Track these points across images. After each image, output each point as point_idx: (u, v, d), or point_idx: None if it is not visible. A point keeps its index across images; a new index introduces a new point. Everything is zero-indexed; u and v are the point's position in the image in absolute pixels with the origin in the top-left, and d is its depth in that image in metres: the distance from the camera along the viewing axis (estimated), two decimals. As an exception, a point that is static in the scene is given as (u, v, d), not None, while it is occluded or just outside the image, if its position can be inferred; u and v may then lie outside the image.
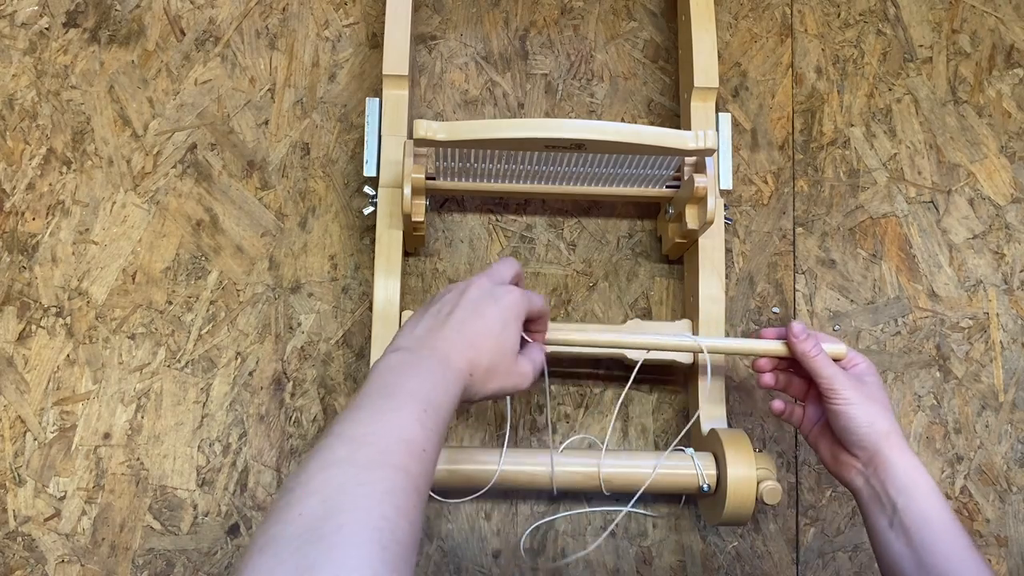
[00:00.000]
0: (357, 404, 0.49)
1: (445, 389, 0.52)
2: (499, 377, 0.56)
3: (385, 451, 0.45)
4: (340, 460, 0.44)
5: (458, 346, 0.54)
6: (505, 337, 0.56)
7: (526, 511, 0.79)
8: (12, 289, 0.81)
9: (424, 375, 0.52)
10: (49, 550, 0.77)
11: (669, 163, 0.72)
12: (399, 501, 0.43)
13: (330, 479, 0.43)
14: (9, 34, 0.87)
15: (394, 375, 0.52)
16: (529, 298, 0.59)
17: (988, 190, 0.88)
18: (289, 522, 0.40)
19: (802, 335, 0.67)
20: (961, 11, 0.92)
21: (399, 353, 0.54)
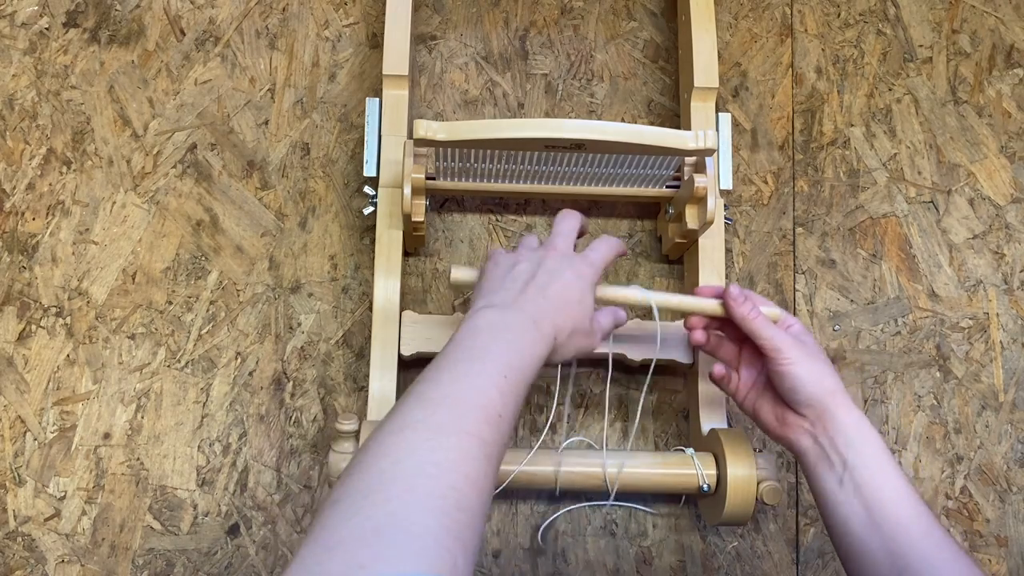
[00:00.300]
0: (441, 364, 0.50)
1: (531, 352, 0.54)
2: (578, 339, 0.59)
3: (461, 416, 0.46)
4: (415, 423, 0.45)
5: (546, 311, 0.56)
6: (585, 303, 0.59)
7: (526, 511, 0.79)
8: (12, 289, 0.81)
9: (511, 339, 0.53)
10: (49, 550, 0.77)
11: (669, 163, 0.72)
12: (469, 469, 0.44)
13: (403, 441, 0.44)
14: (9, 34, 0.87)
15: (482, 336, 0.53)
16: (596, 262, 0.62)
17: (988, 190, 0.88)
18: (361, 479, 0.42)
19: (740, 298, 0.65)
20: (961, 11, 0.92)
21: (488, 312, 0.55)
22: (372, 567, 0.37)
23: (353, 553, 0.38)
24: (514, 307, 0.56)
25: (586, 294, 0.60)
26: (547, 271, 0.59)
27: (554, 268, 0.59)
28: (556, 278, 0.59)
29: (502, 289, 0.58)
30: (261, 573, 0.77)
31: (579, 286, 0.59)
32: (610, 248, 0.64)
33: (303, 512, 0.78)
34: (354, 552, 0.38)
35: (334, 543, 0.39)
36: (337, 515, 0.40)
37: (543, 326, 0.56)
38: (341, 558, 0.38)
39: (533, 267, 0.59)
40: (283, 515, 0.78)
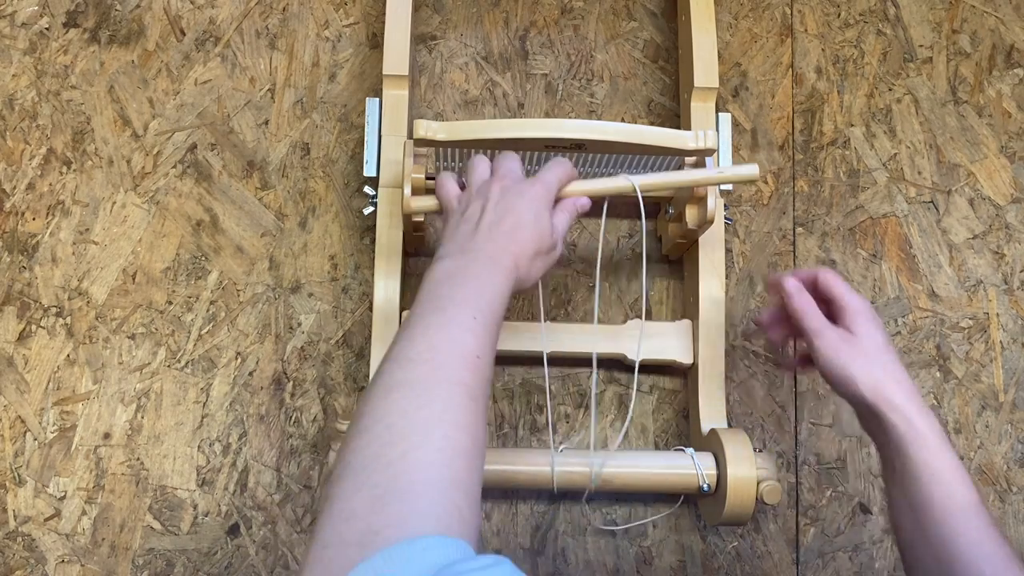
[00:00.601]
0: (411, 322, 0.52)
1: (494, 290, 0.55)
2: (540, 261, 0.60)
3: (440, 367, 0.48)
4: (399, 383, 0.47)
5: (501, 244, 0.57)
6: (540, 225, 0.59)
7: (526, 511, 0.79)
8: (12, 289, 0.81)
9: (472, 281, 0.55)
10: (49, 550, 0.77)
11: (669, 163, 0.72)
12: (457, 416, 0.46)
13: (392, 404, 0.46)
14: (9, 34, 0.87)
15: (443, 286, 0.54)
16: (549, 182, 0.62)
17: (988, 190, 0.88)
18: (360, 449, 0.44)
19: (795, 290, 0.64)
20: (961, 11, 0.92)
21: (445, 261, 0.56)
22: (385, 532, 0.39)
23: (367, 521, 0.40)
24: (470, 250, 0.57)
25: (541, 215, 0.60)
26: (497, 205, 0.59)
27: (504, 200, 0.59)
28: (508, 211, 0.59)
29: (456, 235, 0.59)
30: (261, 573, 0.77)
31: (532, 208, 0.59)
32: (563, 170, 0.63)
33: (303, 512, 0.78)
34: (367, 519, 0.40)
35: (348, 513, 0.41)
36: (346, 487, 0.42)
37: (501, 260, 0.56)
38: (356, 527, 0.40)
39: (482, 202, 0.60)
40: (283, 515, 0.78)
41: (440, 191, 0.65)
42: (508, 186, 0.60)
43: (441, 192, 0.65)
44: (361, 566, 0.38)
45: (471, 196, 0.61)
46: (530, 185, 0.61)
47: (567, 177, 0.64)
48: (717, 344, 0.77)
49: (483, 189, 0.61)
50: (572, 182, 0.65)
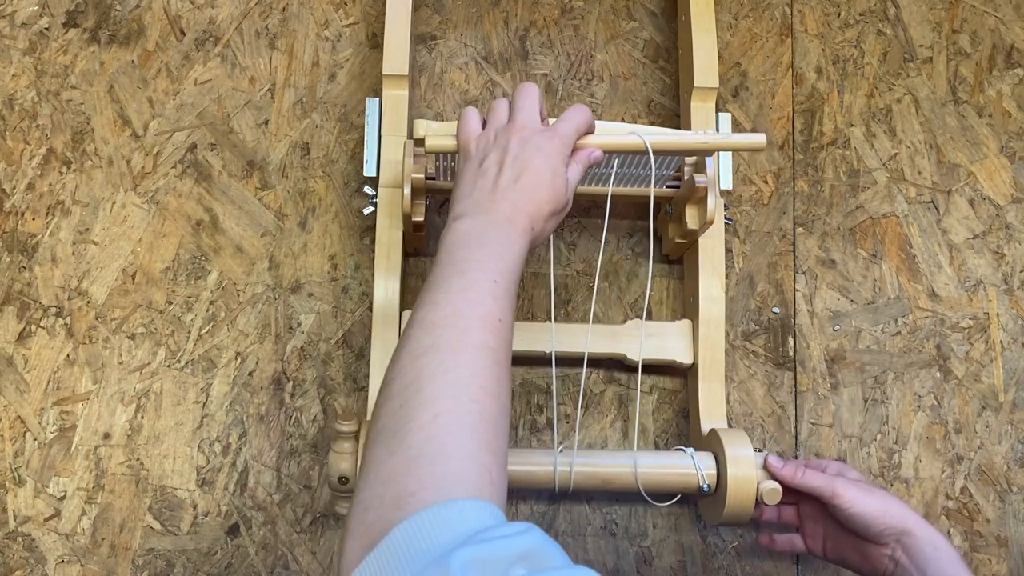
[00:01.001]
0: (433, 283, 0.53)
1: (512, 252, 0.55)
2: (555, 218, 0.59)
3: (464, 331, 0.49)
4: (426, 348, 0.48)
5: (518, 204, 0.56)
6: (556, 183, 0.58)
7: (526, 511, 0.79)
8: (12, 289, 0.81)
9: (491, 244, 0.54)
10: (49, 550, 0.77)
11: (669, 163, 0.72)
12: (483, 380, 0.47)
13: (422, 369, 0.47)
14: (9, 34, 0.87)
15: (462, 248, 0.54)
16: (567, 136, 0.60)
17: (988, 190, 0.88)
18: (392, 414, 0.46)
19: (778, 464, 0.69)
20: (961, 11, 0.92)
21: (462, 221, 0.56)
22: (420, 494, 0.41)
23: (403, 483, 0.42)
24: (487, 210, 0.56)
25: (558, 172, 0.59)
26: (515, 159, 0.58)
27: (523, 154, 0.58)
28: (526, 167, 0.57)
29: (474, 192, 0.58)
30: (261, 573, 0.77)
31: (550, 166, 0.58)
32: (583, 118, 0.62)
33: (303, 512, 0.78)
34: (403, 481, 0.42)
35: (385, 476, 0.43)
36: (381, 451, 0.44)
37: (518, 222, 0.56)
38: (393, 489, 0.42)
39: (500, 156, 0.58)
40: (283, 515, 0.78)
41: (461, 128, 0.62)
42: (526, 137, 0.59)
43: (462, 130, 0.62)
44: (399, 527, 0.39)
45: (489, 143, 0.60)
46: (548, 139, 0.59)
47: (585, 126, 0.63)
48: (717, 344, 0.77)
49: (502, 138, 0.59)
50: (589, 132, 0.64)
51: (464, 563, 0.35)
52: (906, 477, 0.81)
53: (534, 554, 0.37)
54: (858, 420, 0.82)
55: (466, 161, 0.61)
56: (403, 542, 0.39)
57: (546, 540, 0.39)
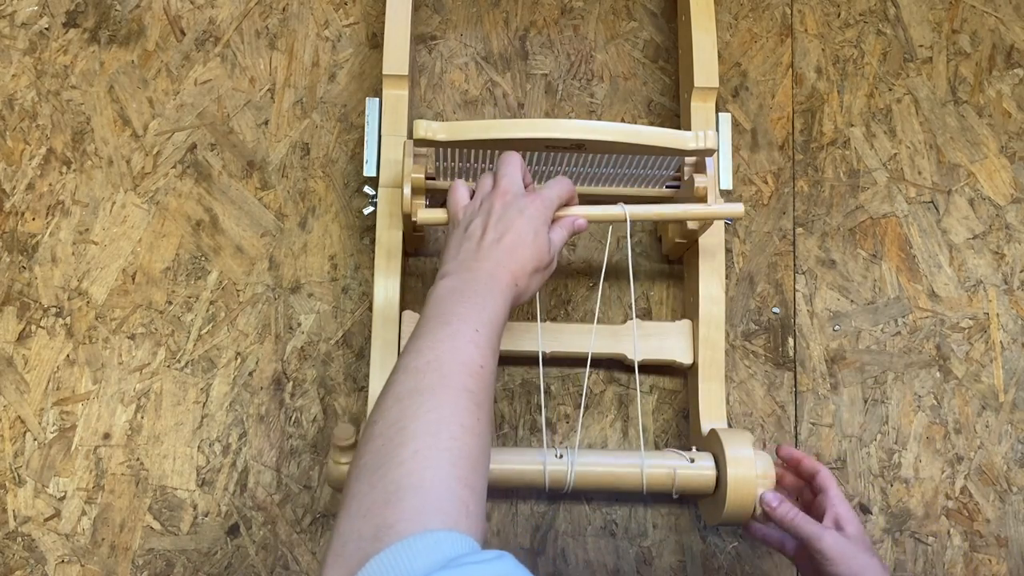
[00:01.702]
0: (418, 334, 0.55)
1: (494, 305, 0.57)
2: (539, 276, 0.63)
3: (446, 376, 0.51)
4: (409, 391, 0.50)
5: (501, 261, 0.60)
6: (538, 243, 0.62)
7: (526, 511, 0.79)
8: (12, 289, 0.81)
9: (474, 297, 0.57)
10: (49, 550, 0.77)
11: (669, 163, 0.72)
12: (464, 419, 0.49)
13: (404, 410, 0.49)
14: (9, 34, 0.87)
15: (446, 302, 0.57)
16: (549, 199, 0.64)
17: (988, 190, 0.88)
18: (373, 451, 0.47)
19: (775, 502, 0.68)
20: (961, 11, 0.93)
21: (447, 279, 0.59)
22: (397, 527, 0.42)
23: (381, 515, 0.43)
24: (471, 268, 0.59)
25: (540, 232, 0.62)
26: (499, 221, 0.61)
27: (506, 216, 0.61)
28: (508, 228, 0.61)
29: (459, 254, 0.61)
30: (261, 573, 0.77)
31: (532, 227, 0.61)
32: (564, 188, 0.65)
33: (303, 512, 0.78)
34: (382, 514, 0.43)
35: (364, 510, 0.44)
36: (362, 484, 0.45)
37: (501, 277, 0.59)
38: (372, 522, 0.43)
39: (484, 220, 0.61)
40: (283, 515, 0.78)
41: (450, 200, 0.66)
42: (509, 201, 0.62)
43: (451, 201, 0.66)
44: (376, 558, 0.40)
45: (475, 210, 0.63)
46: (530, 201, 0.62)
47: (567, 195, 0.66)
48: (717, 344, 0.77)
49: (486, 203, 0.63)
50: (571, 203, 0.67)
51: None
52: (906, 477, 0.81)
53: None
54: (858, 420, 0.82)
55: (454, 228, 0.64)
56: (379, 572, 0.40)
57: (518, 567, 0.41)
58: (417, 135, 0.66)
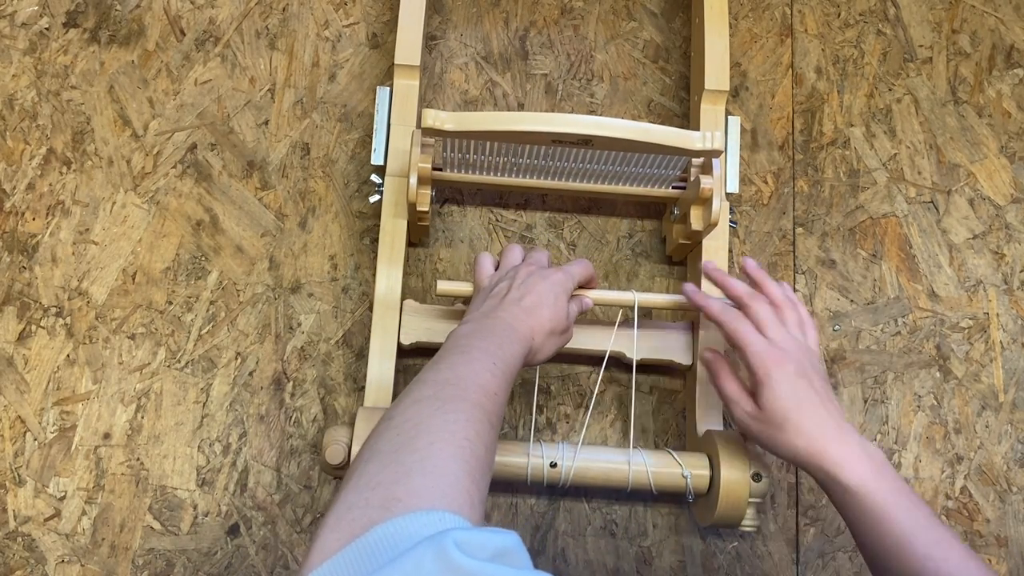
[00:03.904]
0: (438, 359, 0.57)
1: (512, 350, 0.60)
2: (554, 339, 0.66)
3: (465, 390, 0.53)
4: (429, 397, 0.52)
5: (520, 316, 0.63)
6: (557, 307, 0.65)
7: (526, 511, 0.79)
8: (12, 289, 0.81)
9: (493, 338, 0.60)
10: (49, 550, 0.77)
11: (675, 163, 0.72)
12: (478, 428, 0.51)
13: (421, 410, 0.51)
14: (9, 34, 0.87)
15: (468, 338, 0.60)
16: (572, 274, 0.69)
17: (988, 190, 0.88)
18: (388, 440, 0.49)
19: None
20: (961, 11, 0.93)
21: (470, 324, 0.62)
22: (407, 501, 0.43)
23: (391, 490, 0.44)
24: (492, 316, 0.62)
25: (560, 298, 0.66)
26: (523, 284, 0.65)
27: (528, 281, 0.65)
28: (531, 289, 0.65)
29: (483, 307, 0.65)
30: (261, 573, 0.77)
31: (553, 292, 0.65)
32: (587, 269, 0.71)
33: (303, 512, 0.78)
34: (391, 489, 0.44)
35: (375, 484, 0.45)
36: (374, 465, 0.46)
37: (520, 328, 0.62)
38: (381, 494, 0.44)
39: (509, 283, 0.66)
40: (283, 515, 0.78)
41: (476, 271, 0.70)
42: (534, 271, 0.67)
43: (477, 272, 0.70)
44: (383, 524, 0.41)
45: (502, 276, 0.68)
46: (554, 272, 0.67)
47: (588, 275, 0.71)
48: (717, 345, 0.77)
49: (512, 271, 0.67)
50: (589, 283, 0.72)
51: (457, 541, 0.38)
52: (906, 477, 0.81)
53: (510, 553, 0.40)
54: (858, 420, 0.82)
55: (478, 291, 0.68)
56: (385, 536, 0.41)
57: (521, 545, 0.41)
58: (425, 124, 0.66)
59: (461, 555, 0.37)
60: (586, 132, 0.66)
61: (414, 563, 0.38)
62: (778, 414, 0.61)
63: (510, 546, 0.41)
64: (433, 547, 0.38)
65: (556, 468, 0.70)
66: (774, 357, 0.63)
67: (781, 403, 0.61)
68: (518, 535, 0.42)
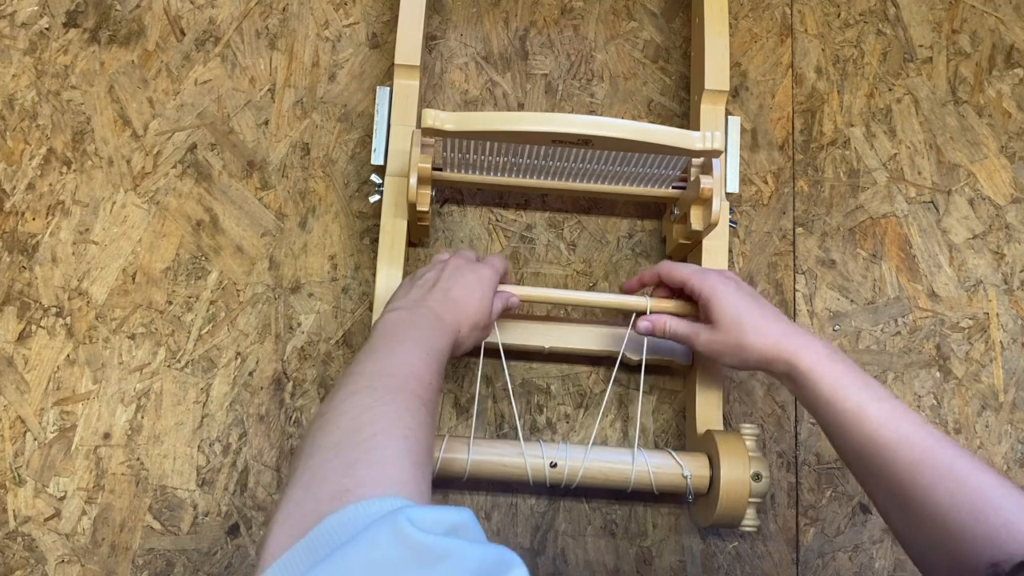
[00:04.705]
0: (370, 347, 0.57)
1: (440, 340, 0.60)
2: (477, 333, 0.66)
3: (401, 380, 0.53)
4: (364, 388, 0.52)
5: (448, 307, 0.63)
6: (483, 302, 0.66)
7: (526, 511, 0.79)
8: (12, 289, 0.81)
9: (423, 328, 0.60)
10: (49, 550, 0.77)
11: (676, 163, 0.72)
12: (418, 418, 0.51)
13: (357, 402, 0.51)
14: (9, 34, 0.87)
15: (397, 327, 0.60)
16: (497, 270, 0.69)
17: (988, 190, 0.88)
18: (329, 434, 0.48)
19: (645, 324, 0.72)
20: (961, 11, 0.93)
21: (398, 312, 0.62)
22: (356, 490, 0.43)
23: (339, 481, 0.44)
24: (420, 305, 0.63)
25: (486, 293, 0.66)
26: (449, 276, 0.66)
27: (456, 273, 0.66)
28: (457, 281, 0.65)
29: (410, 294, 0.65)
30: (261, 573, 0.77)
31: (481, 286, 0.66)
32: (504, 263, 0.71)
33: (303, 512, 0.78)
34: (339, 480, 0.44)
35: (320, 478, 0.44)
36: (316, 460, 0.46)
37: (446, 319, 0.63)
38: (329, 486, 0.43)
39: (436, 274, 0.66)
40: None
41: None
42: (462, 264, 0.67)
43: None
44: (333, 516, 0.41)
45: (429, 267, 0.69)
46: (482, 267, 0.68)
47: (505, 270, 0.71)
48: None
49: (439, 263, 0.68)
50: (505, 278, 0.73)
51: (410, 518, 0.38)
52: (906, 477, 0.81)
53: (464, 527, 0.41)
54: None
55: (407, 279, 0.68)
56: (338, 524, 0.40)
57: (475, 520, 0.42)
58: (425, 124, 0.66)
59: (416, 530, 0.38)
60: (586, 132, 0.66)
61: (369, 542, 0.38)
62: (733, 321, 0.66)
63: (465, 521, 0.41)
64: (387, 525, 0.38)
65: (556, 468, 0.70)
66: (714, 276, 0.69)
67: (732, 310, 0.67)
68: (471, 512, 0.42)
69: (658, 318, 0.72)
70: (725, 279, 0.69)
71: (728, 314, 0.67)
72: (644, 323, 0.72)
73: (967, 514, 0.53)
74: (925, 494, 0.55)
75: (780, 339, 0.65)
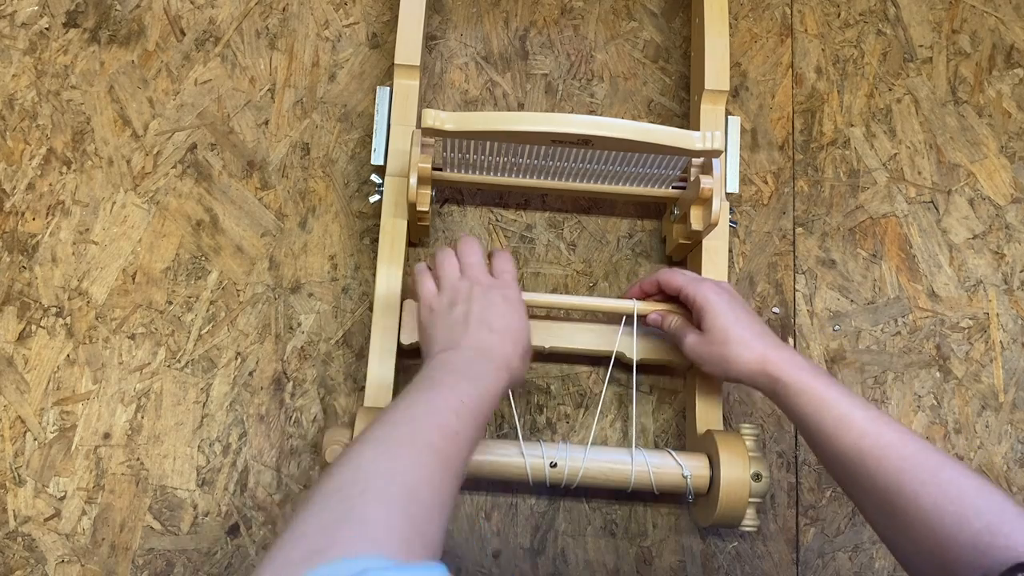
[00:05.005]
0: (402, 397, 0.56)
1: (486, 382, 0.59)
2: (528, 358, 0.65)
3: (417, 431, 0.52)
4: (377, 439, 0.51)
5: (494, 344, 0.62)
6: (522, 322, 0.65)
7: (526, 511, 0.79)
8: (12, 289, 0.81)
9: (467, 371, 0.59)
10: (49, 550, 0.77)
11: (676, 163, 0.72)
12: (423, 472, 0.50)
13: (365, 453, 0.50)
14: (9, 34, 0.87)
15: (439, 371, 0.59)
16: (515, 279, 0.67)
17: (988, 190, 0.88)
18: (328, 484, 0.48)
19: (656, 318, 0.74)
20: (961, 11, 0.93)
21: (443, 354, 0.61)
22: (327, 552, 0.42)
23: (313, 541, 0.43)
24: (463, 346, 0.61)
25: (523, 316, 0.65)
26: (481, 306, 0.63)
27: (485, 300, 0.64)
28: (491, 310, 0.63)
29: (449, 334, 0.63)
30: (261, 573, 0.77)
31: (517, 311, 0.64)
32: (511, 262, 0.69)
33: (303, 512, 0.78)
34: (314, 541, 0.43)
35: (299, 535, 0.44)
36: (303, 514, 0.45)
37: (495, 359, 0.61)
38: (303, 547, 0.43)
39: (466, 306, 0.64)
40: (283, 515, 0.78)
41: (418, 287, 0.68)
42: (485, 287, 0.65)
43: (419, 288, 0.68)
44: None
45: (451, 298, 0.65)
46: (502, 285, 0.66)
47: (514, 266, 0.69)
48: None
49: (463, 291, 0.65)
50: None
51: None
52: (906, 477, 0.81)
53: None
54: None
55: (430, 313, 0.66)
56: None
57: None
58: (425, 124, 0.66)
59: None
60: (586, 132, 0.66)
61: None
62: (721, 332, 0.67)
63: None
64: None
65: (556, 468, 0.70)
66: (709, 286, 0.69)
67: (722, 320, 0.67)
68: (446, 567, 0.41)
69: (666, 312, 0.73)
70: (719, 290, 0.69)
71: (716, 324, 0.67)
72: (654, 315, 0.73)
73: (950, 520, 0.53)
74: (909, 502, 0.55)
75: (765, 353, 0.65)
